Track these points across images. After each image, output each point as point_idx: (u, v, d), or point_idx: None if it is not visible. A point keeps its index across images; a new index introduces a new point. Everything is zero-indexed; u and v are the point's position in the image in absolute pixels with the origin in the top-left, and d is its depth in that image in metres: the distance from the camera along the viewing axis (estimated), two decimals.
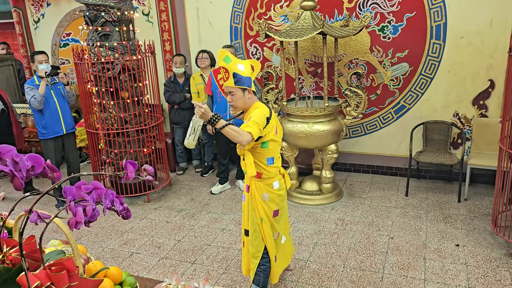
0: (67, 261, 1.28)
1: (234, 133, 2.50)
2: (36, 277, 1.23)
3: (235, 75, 2.59)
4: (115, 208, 1.37)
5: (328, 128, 4.41)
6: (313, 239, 3.96)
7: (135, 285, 1.72)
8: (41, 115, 4.69)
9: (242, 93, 2.66)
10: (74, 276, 1.30)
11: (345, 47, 5.05)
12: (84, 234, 4.31)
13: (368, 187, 5.08)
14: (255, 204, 2.91)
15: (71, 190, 1.33)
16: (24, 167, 1.24)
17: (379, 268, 3.45)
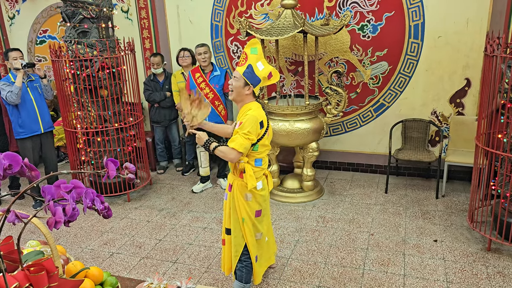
0: (46, 262, 1.26)
1: (222, 154, 2.69)
2: (15, 278, 1.21)
3: (249, 67, 2.62)
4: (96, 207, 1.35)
5: (309, 126, 4.43)
6: (295, 236, 3.98)
7: (116, 285, 1.70)
8: (17, 113, 4.58)
9: (243, 85, 2.66)
10: (54, 277, 1.28)
11: (325, 45, 5.09)
12: (63, 234, 4.23)
13: (348, 184, 5.13)
14: (237, 203, 2.89)
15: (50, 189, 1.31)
16: (0, 165, 1.21)
17: (359, 264, 3.49)
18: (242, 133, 2.62)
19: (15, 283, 1.19)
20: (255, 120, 2.66)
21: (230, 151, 2.65)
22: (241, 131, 2.63)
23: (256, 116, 2.67)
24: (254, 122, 2.65)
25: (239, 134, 2.63)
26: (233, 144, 2.62)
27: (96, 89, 4.64)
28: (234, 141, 2.63)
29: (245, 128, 2.63)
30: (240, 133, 2.63)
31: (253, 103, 2.76)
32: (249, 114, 2.66)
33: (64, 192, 1.30)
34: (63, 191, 1.30)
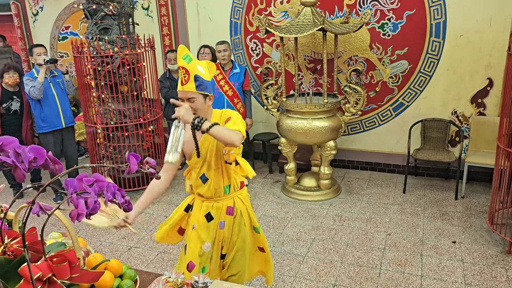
0: (68, 253, 1.28)
1: (225, 132, 2.10)
2: (38, 268, 1.24)
3: (197, 78, 2.14)
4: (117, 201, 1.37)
5: (327, 124, 4.41)
6: (311, 234, 3.97)
7: (135, 278, 1.73)
8: (40, 108, 4.67)
9: (204, 100, 2.19)
10: (76, 268, 1.30)
11: (344, 44, 5.05)
12: (83, 227, 4.31)
13: (366, 183, 5.09)
14: (246, 218, 2.51)
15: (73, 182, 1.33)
16: (26, 158, 1.24)
17: (376, 264, 3.47)
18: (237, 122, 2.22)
19: (38, 272, 1.22)
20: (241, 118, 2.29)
21: (236, 133, 2.14)
22: (236, 125, 2.19)
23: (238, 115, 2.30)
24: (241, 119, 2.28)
25: (234, 120, 2.22)
26: (236, 126, 2.17)
27: (116, 85, 4.69)
28: (236, 124, 2.19)
29: (238, 123, 2.22)
30: (236, 120, 2.23)
31: (215, 110, 2.35)
32: (231, 112, 2.30)
33: (86, 185, 1.32)
34: (85, 185, 1.32)
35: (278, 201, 4.72)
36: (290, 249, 3.74)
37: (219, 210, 2.44)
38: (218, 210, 2.44)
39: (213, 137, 2.12)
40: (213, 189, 2.40)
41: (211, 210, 2.43)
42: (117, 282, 1.66)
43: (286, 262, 3.54)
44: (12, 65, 4.81)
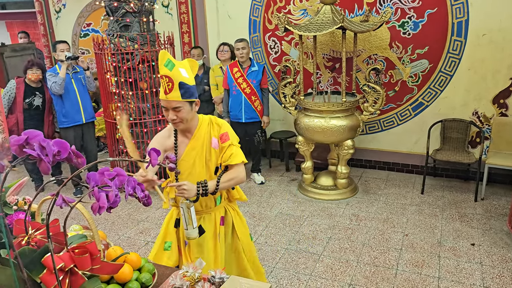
0: (90, 245, 1.31)
1: (232, 181, 2.21)
2: (61, 259, 1.27)
3: (182, 85, 2.02)
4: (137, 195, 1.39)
5: (345, 123, 4.39)
6: (327, 233, 3.96)
7: (153, 272, 1.75)
8: (61, 103, 4.77)
9: (190, 107, 2.11)
10: (96, 260, 1.33)
11: (364, 42, 5.01)
12: (102, 222, 4.38)
13: (383, 183, 5.05)
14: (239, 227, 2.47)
15: (95, 176, 1.36)
16: (50, 151, 1.27)
17: (392, 264, 3.44)
18: (236, 145, 2.25)
19: (61, 263, 1.25)
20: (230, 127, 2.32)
21: (240, 169, 2.22)
22: (234, 141, 2.25)
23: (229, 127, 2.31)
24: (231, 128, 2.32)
25: (233, 145, 2.24)
26: (238, 158, 2.21)
27: (136, 82, 4.75)
28: (236, 155, 2.21)
29: (234, 137, 2.27)
30: (235, 143, 2.25)
31: (200, 115, 2.28)
32: (222, 122, 2.29)
33: (108, 179, 1.34)
34: (107, 178, 1.35)
35: (294, 200, 4.72)
36: (306, 247, 3.74)
37: (212, 222, 2.36)
38: (211, 222, 2.36)
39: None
40: (203, 202, 2.31)
41: (202, 223, 2.34)
42: (136, 275, 1.69)
43: (301, 261, 3.55)
44: (36, 61, 4.91)
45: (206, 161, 2.25)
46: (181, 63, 2.08)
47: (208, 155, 2.24)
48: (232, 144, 2.23)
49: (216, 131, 2.24)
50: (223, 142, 2.22)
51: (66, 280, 1.29)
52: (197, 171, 2.24)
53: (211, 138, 2.24)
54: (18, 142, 1.27)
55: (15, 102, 4.85)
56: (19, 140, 1.26)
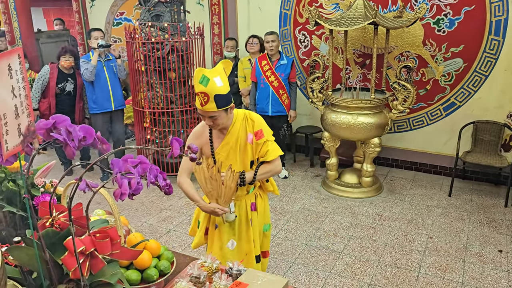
0: (110, 230, 1.34)
1: (269, 173, 2.35)
2: (82, 242, 1.30)
3: (216, 97, 2.09)
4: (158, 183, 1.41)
5: (373, 121, 4.32)
6: (349, 231, 3.92)
7: (172, 260, 1.77)
8: (92, 90, 4.88)
9: (225, 113, 2.18)
10: (117, 245, 1.36)
11: (396, 39, 4.90)
12: (125, 208, 4.47)
13: (409, 184, 4.96)
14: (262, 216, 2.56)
15: (118, 162, 1.38)
16: (76, 137, 1.29)
17: (415, 267, 3.38)
18: (271, 139, 2.33)
19: (82, 246, 1.28)
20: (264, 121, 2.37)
21: (276, 163, 2.33)
22: (269, 137, 2.32)
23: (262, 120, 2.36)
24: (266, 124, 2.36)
25: (269, 141, 2.31)
26: (274, 153, 2.30)
27: (165, 71, 4.80)
28: (273, 150, 2.30)
29: (268, 132, 2.33)
30: (270, 139, 2.32)
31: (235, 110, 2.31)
32: (256, 117, 2.33)
33: (131, 166, 1.36)
34: (130, 165, 1.36)
35: (317, 196, 4.69)
36: (327, 244, 3.72)
37: (243, 208, 2.45)
38: (242, 208, 2.45)
39: None
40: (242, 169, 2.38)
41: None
42: (155, 262, 1.71)
43: (321, 257, 3.53)
44: (69, 48, 5.02)
45: (240, 155, 2.33)
46: (215, 71, 2.13)
47: (242, 149, 2.32)
48: (268, 140, 2.31)
49: (251, 126, 2.31)
50: (258, 139, 2.29)
51: (87, 263, 1.32)
52: (232, 163, 2.32)
53: (246, 133, 2.30)
54: (46, 126, 1.30)
55: (48, 87, 4.99)
56: (47, 124, 1.30)
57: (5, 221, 1.84)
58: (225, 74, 2.15)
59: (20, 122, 1.16)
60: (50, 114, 5.07)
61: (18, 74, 1.15)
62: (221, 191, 2.22)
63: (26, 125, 1.21)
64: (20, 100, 1.16)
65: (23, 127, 1.19)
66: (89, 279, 1.35)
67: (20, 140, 1.17)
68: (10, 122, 1.11)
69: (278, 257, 3.56)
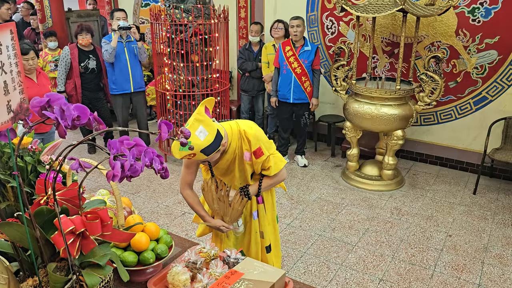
0: (101, 211, 1.33)
1: (273, 184, 2.32)
2: (72, 222, 1.30)
3: (203, 150, 1.89)
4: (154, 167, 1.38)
5: (397, 112, 4.19)
6: (365, 224, 3.85)
7: (170, 244, 1.76)
8: (112, 70, 4.94)
9: (217, 151, 1.99)
10: (107, 226, 1.35)
11: (427, 27, 4.71)
12: (143, 188, 4.52)
13: (433, 179, 4.81)
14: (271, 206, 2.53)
15: (115, 143, 1.36)
16: (69, 116, 1.28)
17: (430, 265, 3.29)
18: (272, 153, 2.22)
19: (71, 226, 1.28)
20: (265, 136, 2.22)
21: (281, 174, 2.27)
22: (269, 151, 2.21)
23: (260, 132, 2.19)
24: (265, 137, 2.22)
25: (271, 155, 2.20)
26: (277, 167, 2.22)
27: (188, 54, 4.78)
28: (275, 164, 2.20)
29: (268, 146, 2.21)
30: (271, 152, 2.22)
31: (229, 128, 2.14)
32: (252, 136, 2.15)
33: (126, 148, 1.34)
34: (125, 147, 1.35)
35: (335, 186, 4.62)
36: (341, 236, 3.66)
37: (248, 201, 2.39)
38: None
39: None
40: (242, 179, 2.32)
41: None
42: (152, 245, 1.70)
43: (334, 249, 3.48)
44: (85, 26, 5.02)
45: (239, 171, 2.27)
46: (195, 121, 1.86)
47: (241, 166, 2.24)
48: (269, 155, 2.19)
49: (247, 145, 2.17)
50: (257, 158, 2.17)
51: (77, 243, 1.32)
52: (231, 176, 2.29)
53: (243, 152, 2.18)
54: (39, 104, 1.29)
55: (72, 68, 5.05)
56: (40, 102, 1.29)
57: (13, 196, 1.87)
58: (205, 116, 1.89)
59: (10, 99, 1.15)
60: (77, 94, 5.15)
61: (10, 50, 1.14)
62: (228, 212, 2.24)
63: (19, 102, 1.21)
64: (11, 77, 1.15)
65: (14, 104, 1.18)
66: (79, 259, 1.35)
67: (10, 117, 1.16)
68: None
69: (290, 246, 3.53)
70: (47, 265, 1.32)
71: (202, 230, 2.54)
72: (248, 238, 2.48)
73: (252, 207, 2.43)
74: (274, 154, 2.23)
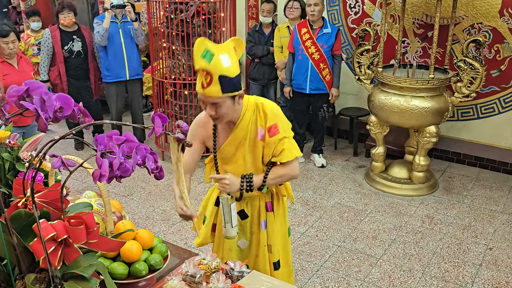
0: (86, 216, 1.34)
1: (282, 178, 2.24)
2: (53, 227, 1.31)
3: (222, 79, 1.92)
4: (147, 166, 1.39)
5: (430, 105, 4.17)
6: (391, 234, 3.84)
7: (165, 254, 1.77)
8: (105, 55, 4.95)
9: (232, 101, 2.02)
10: (93, 233, 1.36)
11: (467, 7, 4.67)
12: (137, 190, 4.56)
13: (471, 183, 4.78)
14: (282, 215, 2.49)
15: (103, 139, 1.37)
16: (51, 107, 1.29)
17: (467, 281, 3.27)
18: (288, 136, 2.20)
19: (53, 232, 1.29)
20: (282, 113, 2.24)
21: (292, 165, 2.22)
22: (286, 133, 2.19)
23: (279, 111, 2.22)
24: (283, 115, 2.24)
25: (285, 138, 2.17)
26: (291, 153, 2.17)
27: (189, 37, 4.79)
28: (289, 150, 2.17)
29: (286, 127, 2.20)
30: (287, 135, 2.19)
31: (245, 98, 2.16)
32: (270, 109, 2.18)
33: (114, 144, 1.35)
34: (114, 143, 1.35)
35: (358, 190, 4.61)
36: (363, 248, 3.66)
37: (256, 207, 2.39)
38: (255, 207, 2.39)
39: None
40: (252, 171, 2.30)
41: (244, 207, 2.38)
42: (145, 255, 1.71)
43: (355, 262, 3.48)
44: (66, 3, 5.02)
45: (250, 154, 2.23)
46: (223, 47, 1.96)
47: (252, 147, 2.21)
48: (284, 137, 2.17)
49: (263, 120, 2.16)
50: (271, 136, 2.15)
51: (59, 252, 1.33)
52: (239, 163, 2.25)
53: (257, 128, 2.17)
54: (17, 93, 1.30)
55: (55, 52, 5.07)
56: (18, 91, 1.30)
57: None
58: (235, 54, 1.96)
59: None
60: (62, 83, 5.19)
61: None
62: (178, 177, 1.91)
63: None
64: None
65: None
66: (61, 269, 1.36)
67: None
68: None
69: (305, 258, 3.54)
70: (25, 277, 1.34)
71: (202, 239, 2.53)
72: (255, 252, 2.45)
73: (260, 215, 2.41)
74: (290, 138, 2.19)
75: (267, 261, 2.45)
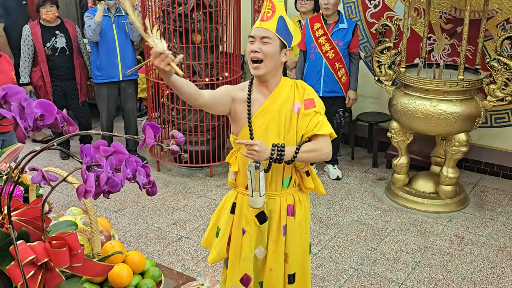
0: (70, 236, 1.34)
1: (314, 153, 2.34)
2: (32, 250, 1.31)
3: (282, 20, 2.27)
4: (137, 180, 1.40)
5: (459, 110, 4.18)
6: (415, 256, 3.84)
7: (159, 279, 1.78)
8: (96, 53, 4.99)
9: (279, 49, 2.28)
10: (77, 256, 1.36)
11: None
12: (129, 204, 4.58)
13: (507, 198, 4.78)
14: (304, 228, 2.57)
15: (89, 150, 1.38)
16: (31, 114, 1.30)
17: None
18: (323, 114, 2.38)
19: (32, 255, 1.29)
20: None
21: (326, 142, 2.36)
22: (321, 110, 2.37)
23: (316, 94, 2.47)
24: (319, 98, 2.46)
25: (320, 114, 2.36)
26: (326, 128, 2.33)
27: (188, 33, 4.82)
28: (324, 124, 2.33)
29: (322, 106, 2.40)
30: (322, 112, 2.37)
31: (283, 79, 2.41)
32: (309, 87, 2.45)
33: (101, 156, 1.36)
34: (101, 155, 1.36)
35: (378, 206, 4.62)
36: (383, 271, 3.66)
37: (277, 210, 2.45)
38: (275, 210, 2.45)
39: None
40: (268, 179, 2.40)
41: (265, 208, 2.43)
42: (136, 280, 1.72)
43: None
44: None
45: (283, 129, 2.35)
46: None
47: (287, 121, 2.35)
48: (319, 113, 2.34)
49: (301, 94, 2.38)
50: (306, 108, 2.33)
51: (39, 277, 1.34)
52: (270, 140, 2.34)
53: (294, 101, 2.36)
54: None
55: (36, 51, 5.11)
56: None
57: None
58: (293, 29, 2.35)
59: None
60: (45, 85, 5.24)
61: None
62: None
63: None
64: None
65: None
66: None
67: None
68: None
69: (317, 282, 3.54)
70: None
71: (217, 253, 2.56)
72: (270, 265, 2.49)
73: (281, 219, 2.47)
74: (324, 116, 2.36)
75: (281, 273, 2.50)
